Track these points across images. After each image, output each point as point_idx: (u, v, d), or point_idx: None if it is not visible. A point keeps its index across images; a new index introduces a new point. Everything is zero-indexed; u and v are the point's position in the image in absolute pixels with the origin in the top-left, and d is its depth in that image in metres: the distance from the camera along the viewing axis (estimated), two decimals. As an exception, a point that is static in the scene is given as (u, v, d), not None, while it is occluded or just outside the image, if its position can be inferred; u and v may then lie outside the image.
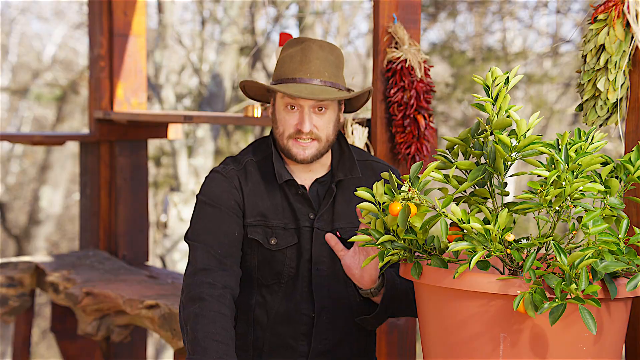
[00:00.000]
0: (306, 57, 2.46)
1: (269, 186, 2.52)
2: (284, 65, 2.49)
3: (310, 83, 2.44)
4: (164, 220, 10.18)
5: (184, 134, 10.09)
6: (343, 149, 2.57)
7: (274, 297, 2.51)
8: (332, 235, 2.38)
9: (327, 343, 2.51)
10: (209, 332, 2.28)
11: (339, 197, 2.53)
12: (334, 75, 2.48)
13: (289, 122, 2.45)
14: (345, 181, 2.55)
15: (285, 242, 2.49)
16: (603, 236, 1.91)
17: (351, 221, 2.53)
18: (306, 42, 2.48)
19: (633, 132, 2.38)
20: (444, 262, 2.04)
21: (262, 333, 2.52)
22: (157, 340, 11.11)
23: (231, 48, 10.20)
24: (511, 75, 2.07)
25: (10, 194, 13.49)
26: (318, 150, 2.47)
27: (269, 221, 2.49)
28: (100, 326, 3.98)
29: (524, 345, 1.92)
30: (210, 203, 2.49)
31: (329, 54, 2.48)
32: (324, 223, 2.51)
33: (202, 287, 2.36)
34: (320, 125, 2.46)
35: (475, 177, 2.03)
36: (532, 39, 11.23)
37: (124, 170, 4.70)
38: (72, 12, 13.56)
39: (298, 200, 2.51)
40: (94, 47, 4.74)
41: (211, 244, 2.44)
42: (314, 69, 2.45)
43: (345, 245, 2.45)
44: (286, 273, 2.50)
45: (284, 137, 2.47)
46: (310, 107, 2.44)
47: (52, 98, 13.28)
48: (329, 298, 2.51)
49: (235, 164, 2.54)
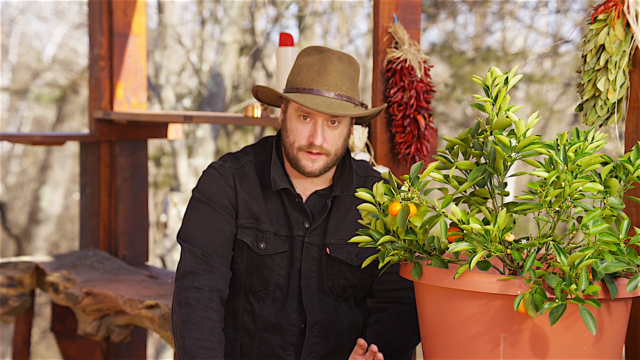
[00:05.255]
0: (325, 69, 2.41)
1: (265, 190, 2.49)
2: (301, 74, 2.43)
3: (327, 96, 2.39)
4: (164, 220, 10.18)
5: (184, 134, 10.09)
6: (346, 163, 2.53)
7: (262, 305, 2.49)
8: (364, 343, 2.32)
9: (315, 356, 2.49)
10: (197, 338, 2.30)
11: (333, 213, 2.51)
12: (351, 89, 2.43)
13: (301, 133, 2.41)
14: (341, 197, 2.52)
15: (275, 248, 2.47)
16: (603, 236, 1.91)
17: (342, 238, 2.50)
18: (326, 53, 2.43)
19: (633, 132, 2.38)
20: (444, 262, 2.04)
21: (249, 341, 2.51)
22: (157, 340, 11.10)
23: (231, 48, 10.20)
24: (511, 75, 2.07)
25: (10, 194, 13.49)
26: (326, 164, 2.44)
27: (261, 225, 2.48)
28: (100, 326, 3.98)
29: (524, 345, 1.92)
30: (204, 201, 2.47)
31: (347, 67, 2.43)
32: (316, 237, 2.49)
33: (189, 291, 2.37)
34: (331, 139, 2.41)
35: (475, 178, 2.03)
36: (532, 39, 11.24)
37: (124, 170, 4.70)
38: (72, 12, 13.55)
39: (294, 209, 2.49)
40: (94, 47, 4.74)
41: (201, 243, 2.43)
42: (332, 81, 2.40)
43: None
44: (274, 280, 2.48)
45: (294, 148, 2.43)
46: (324, 120, 2.40)
47: (52, 98, 13.28)
48: (321, 313, 2.49)
49: (234, 161, 2.52)
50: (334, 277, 2.51)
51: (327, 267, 2.50)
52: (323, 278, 2.50)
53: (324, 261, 2.50)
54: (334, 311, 2.50)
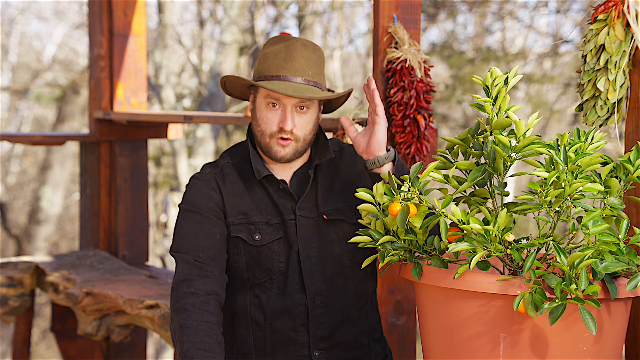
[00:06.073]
0: (290, 55, 2.45)
1: (248, 185, 2.52)
2: (267, 62, 2.47)
3: (294, 81, 2.44)
4: (164, 220, 10.19)
5: (184, 134, 10.10)
6: (319, 136, 2.57)
7: (268, 295, 2.50)
8: (346, 117, 2.40)
9: (325, 328, 2.49)
10: (194, 342, 2.30)
11: (320, 182, 2.53)
12: (317, 74, 2.48)
13: (271, 120, 2.45)
14: (322, 165, 2.55)
15: (270, 236, 2.49)
16: (603, 236, 1.91)
17: (335, 204, 2.52)
18: (290, 40, 2.47)
19: (633, 132, 2.38)
20: (444, 262, 2.05)
21: (261, 333, 2.51)
22: (157, 340, 11.11)
23: (231, 48, 10.20)
24: (510, 75, 2.07)
25: (10, 194, 13.50)
26: (296, 150, 2.47)
27: (251, 218, 2.49)
28: (100, 326, 3.98)
29: (524, 345, 1.92)
30: (190, 209, 2.50)
31: (312, 53, 2.48)
32: (307, 210, 2.50)
33: (185, 297, 2.38)
34: (300, 124, 2.45)
35: (475, 178, 2.03)
36: (532, 39, 11.24)
37: (124, 170, 4.70)
38: (72, 12, 13.56)
39: (280, 196, 2.51)
40: (94, 47, 4.74)
41: (193, 250, 2.44)
42: (298, 67, 2.45)
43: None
44: (276, 268, 2.49)
45: (266, 136, 2.46)
46: (293, 105, 2.44)
47: (52, 98, 13.28)
48: (322, 282, 2.49)
49: (213, 167, 2.55)
50: (340, 241, 2.51)
51: (329, 233, 2.51)
52: (324, 246, 2.50)
53: (324, 228, 2.51)
54: (336, 279, 2.51)
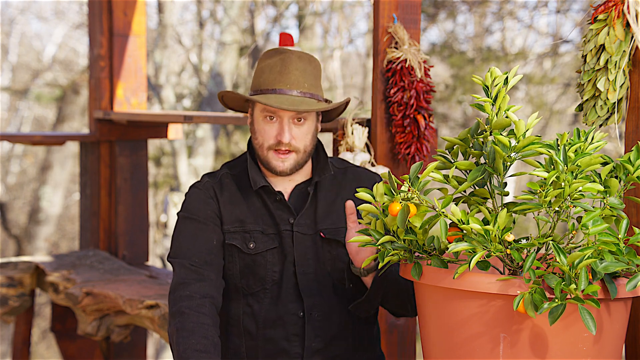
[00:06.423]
0: (285, 68, 2.47)
1: (245, 194, 2.54)
2: (263, 76, 2.50)
3: (289, 94, 2.46)
4: (164, 220, 10.18)
5: (184, 134, 10.10)
6: (319, 152, 2.58)
7: (261, 304, 2.50)
8: (352, 203, 2.37)
9: (320, 341, 2.49)
10: (190, 343, 2.31)
11: (320, 199, 2.54)
12: (313, 86, 2.49)
13: (269, 133, 2.47)
14: (322, 182, 2.56)
15: (264, 245, 2.50)
16: (603, 236, 1.91)
17: (333, 222, 2.53)
18: (285, 53, 2.49)
19: (633, 132, 2.38)
20: (444, 262, 2.04)
21: (254, 342, 2.52)
22: (157, 340, 11.11)
23: (231, 48, 10.20)
24: (510, 75, 2.07)
25: (10, 194, 13.49)
26: (296, 162, 2.49)
27: (247, 226, 2.51)
28: (100, 326, 3.98)
29: (524, 345, 1.92)
30: (188, 216, 2.52)
31: (307, 65, 2.50)
32: (305, 227, 2.51)
33: (181, 301, 2.39)
34: (298, 136, 2.47)
35: (474, 178, 2.03)
36: (532, 39, 11.23)
37: (124, 170, 4.70)
38: (72, 12, 13.56)
39: (277, 207, 2.52)
40: (94, 47, 4.74)
41: (189, 255, 2.46)
42: (294, 79, 2.47)
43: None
44: (269, 278, 2.50)
45: (264, 148, 2.48)
46: (290, 118, 2.46)
47: (52, 98, 13.28)
48: (319, 296, 2.50)
49: (211, 177, 2.58)
50: (332, 261, 2.52)
51: (324, 251, 2.52)
52: (320, 263, 2.51)
53: (319, 245, 2.51)
54: (333, 294, 2.51)
